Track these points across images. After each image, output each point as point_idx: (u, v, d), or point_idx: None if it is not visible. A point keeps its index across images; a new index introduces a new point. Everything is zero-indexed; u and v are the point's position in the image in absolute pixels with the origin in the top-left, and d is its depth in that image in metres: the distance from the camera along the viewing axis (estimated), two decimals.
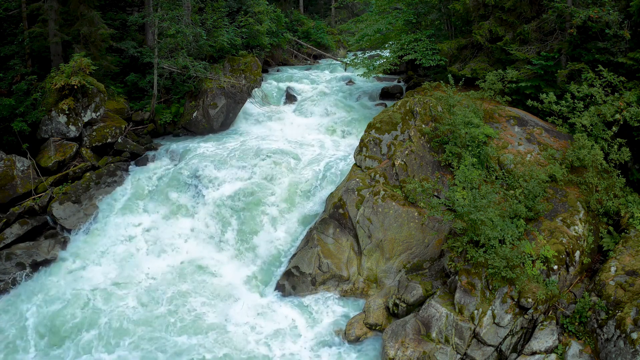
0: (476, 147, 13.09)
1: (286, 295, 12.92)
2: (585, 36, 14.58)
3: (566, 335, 10.20)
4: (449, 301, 10.91)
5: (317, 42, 34.53)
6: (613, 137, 12.87)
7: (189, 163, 16.65)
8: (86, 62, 16.65)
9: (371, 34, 22.76)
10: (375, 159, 14.39)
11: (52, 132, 16.49)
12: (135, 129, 19.00)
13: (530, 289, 10.48)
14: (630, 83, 13.30)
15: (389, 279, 12.67)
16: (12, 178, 14.95)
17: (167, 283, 13.28)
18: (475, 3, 16.79)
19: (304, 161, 16.85)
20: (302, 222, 14.66)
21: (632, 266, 10.55)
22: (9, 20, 18.84)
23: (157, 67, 19.25)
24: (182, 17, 20.08)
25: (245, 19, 24.45)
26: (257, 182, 15.75)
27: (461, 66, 17.46)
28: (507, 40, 15.88)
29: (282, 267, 13.67)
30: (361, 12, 38.42)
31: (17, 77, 17.37)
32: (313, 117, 21.20)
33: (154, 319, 12.04)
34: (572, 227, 11.64)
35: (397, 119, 14.72)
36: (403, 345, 10.53)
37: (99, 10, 19.19)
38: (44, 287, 13.15)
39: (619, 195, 12.54)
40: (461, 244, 11.24)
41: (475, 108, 14.10)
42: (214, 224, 14.89)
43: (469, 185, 11.75)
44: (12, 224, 14.30)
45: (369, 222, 13.02)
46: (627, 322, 9.42)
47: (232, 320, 12.11)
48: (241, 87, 20.94)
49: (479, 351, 10.28)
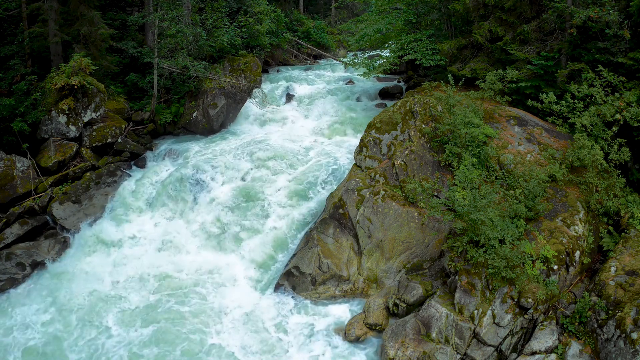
0: (476, 147, 13.09)
1: (286, 295, 12.91)
2: (585, 36, 14.58)
3: (566, 335, 10.20)
4: (449, 301, 10.91)
5: (317, 42, 34.53)
6: (613, 137, 12.87)
7: (189, 163, 16.65)
8: (86, 62, 16.65)
9: (371, 34, 22.76)
10: (375, 159, 14.39)
11: (52, 132, 16.49)
12: (135, 129, 19.00)
13: (530, 289, 10.48)
14: (630, 83, 13.29)
15: (389, 279, 12.66)
16: (12, 178, 14.95)
17: (162, 280, 13.32)
18: (475, 3, 16.79)
19: (304, 161, 16.84)
20: (302, 222, 14.65)
21: (632, 266, 10.55)
22: (9, 20, 18.85)
23: (157, 67, 19.25)
24: (182, 17, 20.08)
25: (245, 19, 24.45)
26: (256, 182, 15.76)
27: (461, 66, 17.46)
28: (507, 40, 15.88)
29: (282, 267, 13.66)
30: (361, 12, 38.42)
31: (17, 77, 17.38)
32: (313, 117, 21.20)
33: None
34: (572, 227, 11.64)
35: (397, 119, 14.72)
36: (403, 345, 10.53)
37: (99, 10, 19.20)
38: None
39: (619, 195, 12.54)
40: (461, 244, 11.24)
41: (475, 108, 14.10)
42: (213, 224, 14.89)
43: (469, 185, 11.75)
44: (12, 224, 14.31)
45: (369, 222, 13.02)
46: (627, 322, 9.42)
47: (230, 322, 12.14)
48: (241, 87, 20.94)
49: (479, 351, 10.28)
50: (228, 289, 13.17)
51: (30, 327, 11.94)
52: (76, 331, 11.77)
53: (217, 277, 13.59)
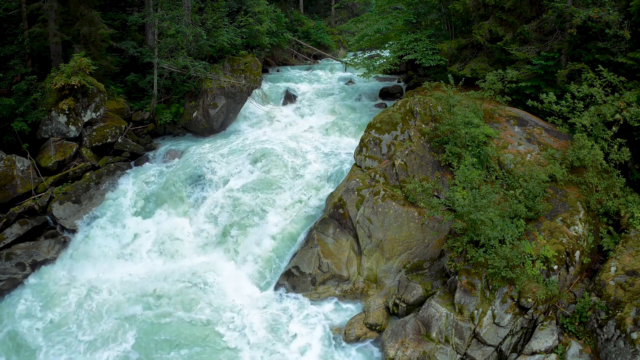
0: (476, 147, 13.09)
1: (286, 295, 12.92)
2: (585, 36, 14.58)
3: (566, 335, 10.20)
4: (449, 301, 10.91)
5: (317, 42, 34.53)
6: (613, 137, 12.87)
7: (189, 163, 16.65)
8: (86, 62, 16.64)
9: (371, 34, 22.75)
10: (375, 159, 14.39)
11: (52, 132, 16.48)
12: (135, 129, 19.00)
13: (530, 289, 10.48)
14: (630, 83, 13.30)
15: (389, 279, 12.66)
16: (12, 178, 14.94)
17: (158, 281, 13.32)
18: (475, 3, 16.79)
19: (304, 161, 16.84)
20: (302, 222, 14.64)
21: (632, 266, 10.55)
22: (9, 20, 18.84)
23: (157, 67, 19.25)
24: (182, 17, 20.08)
25: (245, 19, 24.44)
26: (256, 182, 15.75)
27: (461, 66, 17.46)
28: (507, 40, 15.88)
29: (282, 267, 13.67)
30: (361, 12, 38.39)
31: (17, 77, 17.37)
32: (313, 117, 21.20)
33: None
34: (572, 227, 11.63)
35: (397, 119, 14.72)
36: (403, 345, 10.53)
37: (99, 10, 19.20)
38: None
39: (619, 195, 12.54)
40: (461, 244, 11.24)
41: (475, 108, 14.10)
42: (213, 224, 14.89)
43: (469, 185, 11.75)
44: (12, 224, 14.29)
45: (369, 222, 13.02)
46: (627, 322, 9.42)
47: (228, 322, 12.17)
48: (241, 87, 20.93)
49: (479, 351, 10.28)
50: (227, 290, 13.16)
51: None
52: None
53: (216, 277, 13.58)
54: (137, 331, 11.74)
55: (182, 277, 13.51)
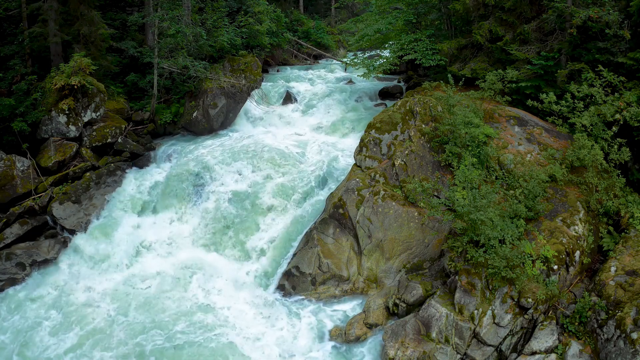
0: (476, 147, 13.09)
1: (286, 295, 12.92)
2: (585, 36, 14.58)
3: (566, 335, 10.20)
4: (449, 301, 10.92)
5: (317, 42, 34.54)
6: (613, 137, 12.87)
7: (189, 163, 16.64)
8: (86, 62, 16.64)
9: (371, 34, 22.76)
10: (375, 158, 14.39)
11: (52, 132, 16.48)
12: (135, 129, 18.99)
13: (530, 289, 10.48)
14: (630, 83, 13.29)
15: (389, 279, 12.66)
16: (12, 178, 14.94)
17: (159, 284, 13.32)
18: (475, 3, 16.78)
19: (304, 161, 16.85)
20: (302, 222, 14.65)
21: (632, 266, 10.55)
22: (9, 20, 18.83)
23: (157, 67, 19.24)
24: (182, 17, 20.07)
25: (245, 19, 24.44)
26: (256, 183, 15.76)
27: (461, 66, 17.46)
28: (507, 40, 15.87)
29: (282, 267, 13.67)
30: (361, 12, 38.37)
31: (17, 77, 17.36)
32: (313, 117, 21.21)
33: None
34: (572, 227, 11.63)
35: (397, 119, 14.72)
36: (403, 345, 10.53)
37: (99, 10, 19.18)
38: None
39: (619, 195, 12.54)
40: (461, 244, 11.24)
41: (475, 108, 14.10)
42: (213, 224, 14.88)
43: (469, 185, 11.75)
44: (12, 224, 14.30)
45: (369, 222, 13.02)
46: (627, 322, 9.42)
47: (231, 323, 12.14)
48: (241, 87, 20.92)
49: (479, 351, 10.28)
50: (227, 290, 13.17)
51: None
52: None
53: (216, 277, 13.58)
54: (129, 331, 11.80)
55: (181, 276, 13.52)
